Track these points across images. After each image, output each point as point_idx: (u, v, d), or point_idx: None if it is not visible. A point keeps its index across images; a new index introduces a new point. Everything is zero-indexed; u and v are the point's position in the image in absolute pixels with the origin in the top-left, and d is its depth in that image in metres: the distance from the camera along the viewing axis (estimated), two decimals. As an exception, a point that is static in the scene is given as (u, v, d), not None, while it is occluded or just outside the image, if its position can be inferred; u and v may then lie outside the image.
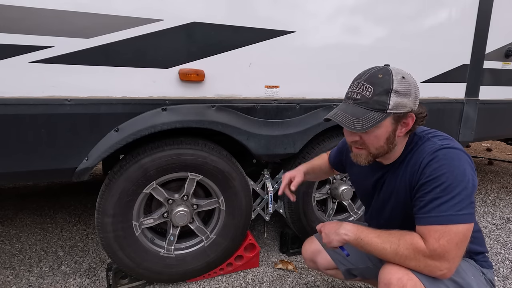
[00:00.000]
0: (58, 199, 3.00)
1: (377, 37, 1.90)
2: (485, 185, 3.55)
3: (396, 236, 0.98)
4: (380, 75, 0.97)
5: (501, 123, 2.58)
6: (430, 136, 1.06)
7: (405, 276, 0.96)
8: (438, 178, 0.94)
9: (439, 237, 0.91)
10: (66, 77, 1.37)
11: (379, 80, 0.97)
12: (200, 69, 1.57)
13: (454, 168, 0.94)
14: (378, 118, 0.96)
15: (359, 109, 0.97)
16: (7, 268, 1.97)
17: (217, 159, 1.68)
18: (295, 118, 1.80)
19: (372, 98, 0.96)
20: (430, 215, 0.94)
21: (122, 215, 1.58)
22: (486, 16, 2.19)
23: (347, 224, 1.09)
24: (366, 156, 1.05)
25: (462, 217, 0.91)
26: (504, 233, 2.48)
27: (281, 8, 1.66)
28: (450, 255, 0.91)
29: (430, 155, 0.99)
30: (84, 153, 1.45)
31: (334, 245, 1.09)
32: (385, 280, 0.99)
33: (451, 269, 0.93)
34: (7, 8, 1.24)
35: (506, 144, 4.40)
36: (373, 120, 0.95)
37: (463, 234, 0.91)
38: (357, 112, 0.97)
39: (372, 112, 0.96)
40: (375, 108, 0.96)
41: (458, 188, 0.92)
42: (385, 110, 0.96)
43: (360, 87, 0.98)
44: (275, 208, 2.09)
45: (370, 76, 0.98)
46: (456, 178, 0.92)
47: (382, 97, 0.95)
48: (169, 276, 1.78)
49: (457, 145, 1.00)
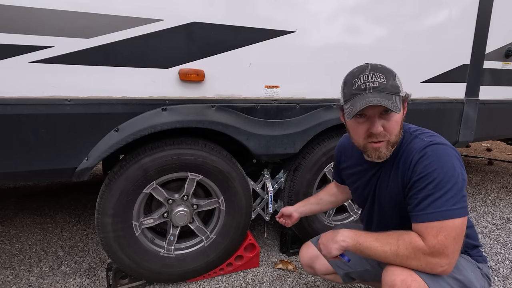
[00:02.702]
0: (58, 199, 3.00)
1: (377, 37, 1.90)
2: (485, 185, 3.55)
3: (394, 237, 0.98)
4: (379, 65, 1.02)
5: (501, 123, 2.58)
6: (418, 134, 1.07)
7: (409, 277, 0.96)
8: (429, 175, 0.96)
9: (437, 233, 0.92)
10: (66, 77, 1.37)
11: (383, 68, 1.01)
12: (200, 69, 1.57)
13: (443, 163, 0.95)
14: (399, 100, 0.99)
15: (384, 95, 0.97)
16: (7, 268, 1.97)
17: (217, 159, 1.68)
18: (295, 118, 1.80)
19: (388, 83, 0.98)
20: (425, 212, 0.95)
21: (122, 215, 1.58)
22: (486, 16, 2.19)
23: (343, 230, 1.08)
24: (386, 146, 1.04)
25: (457, 211, 0.92)
26: (504, 233, 2.48)
27: (281, 8, 1.66)
28: (449, 250, 0.92)
29: (419, 153, 1.00)
30: (84, 153, 1.45)
31: (333, 254, 1.06)
32: (389, 282, 0.99)
33: (451, 264, 0.94)
34: (7, 8, 1.24)
35: (506, 144, 4.40)
36: (399, 102, 0.98)
37: (460, 228, 0.93)
38: (385, 97, 0.97)
39: (394, 95, 0.98)
40: (393, 92, 0.98)
41: (449, 183, 0.93)
42: (399, 93, 1.00)
43: (371, 77, 0.99)
44: (275, 208, 2.09)
45: (373, 68, 1.01)
46: (447, 174, 0.94)
47: (394, 81, 1.00)
48: (169, 276, 1.78)
49: (444, 141, 1.02)
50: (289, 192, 1.97)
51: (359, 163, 1.24)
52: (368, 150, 1.07)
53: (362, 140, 1.06)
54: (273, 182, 2.01)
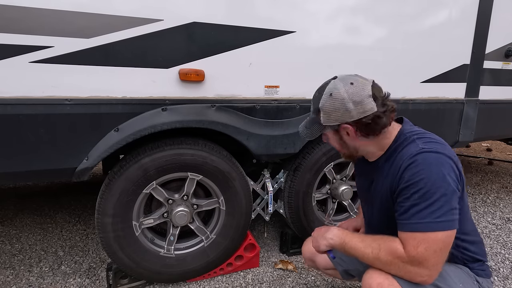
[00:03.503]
0: (58, 199, 3.00)
1: (377, 37, 1.90)
2: (485, 185, 3.55)
3: (378, 241, 0.99)
4: (317, 93, 1.08)
5: (501, 123, 2.58)
6: (416, 138, 1.03)
7: (386, 281, 0.97)
8: (415, 184, 0.93)
9: (417, 244, 0.91)
10: (66, 77, 1.37)
11: (315, 98, 1.08)
12: (200, 69, 1.57)
13: (431, 173, 0.92)
14: (319, 129, 1.09)
15: (309, 120, 1.12)
16: (7, 268, 1.97)
17: (217, 159, 1.68)
18: (295, 118, 1.80)
19: (313, 113, 1.09)
20: (409, 221, 0.94)
21: (122, 215, 1.58)
22: (486, 16, 2.19)
23: (334, 228, 1.13)
24: (343, 155, 1.18)
25: (441, 224, 0.90)
26: (504, 233, 2.48)
27: (281, 8, 1.66)
28: (430, 262, 0.91)
29: (409, 159, 0.97)
30: (84, 153, 1.45)
31: (321, 249, 1.15)
32: (367, 285, 1.01)
33: (431, 276, 0.93)
34: (7, 8, 1.24)
35: (506, 144, 4.40)
36: (315, 130, 1.10)
37: (442, 241, 0.90)
38: (308, 123, 1.12)
39: (315, 124, 1.09)
40: (315, 121, 1.09)
41: (436, 195, 0.90)
42: (321, 123, 1.07)
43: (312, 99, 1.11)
44: (275, 208, 2.09)
45: (314, 92, 1.10)
46: (434, 184, 0.91)
47: (316, 113, 1.07)
48: (169, 276, 1.78)
49: (440, 148, 0.97)
50: (289, 192, 1.97)
51: (363, 161, 1.25)
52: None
53: None
54: (273, 182, 2.01)
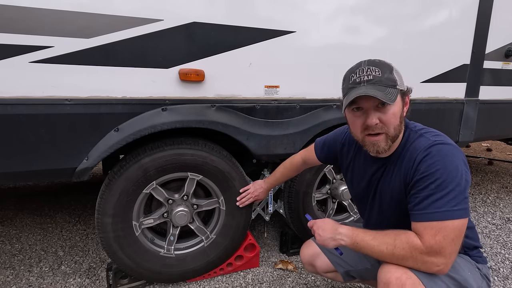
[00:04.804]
0: (58, 199, 3.00)
1: (377, 37, 1.90)
2: (485, 185, 3.55)
3: (391, 236, 0.99)
4: (377, 60, 1.04)
5: (501, 123, 2.58)
6: (423, 132, 1.07)
7: (404, 275, 0.96)
8: (432, 175, 0.95)
9: (435, 233, 0.92)
10: (66, 77, 1.37)
11: (380, 62, 1.03)
12: (200, 69, 1.57)
13: (447, 164, 0.95)
14: (394, 92, 0.99)
15: (378, 87, 0.99)
16: (7, 268, 1.97)
17: (217, 159, 1.68)
18: (295, 118, 1.80)
19: (383, 76, 1.00)
20: (425, 211, 0.95)
21: (122, 215, 1.58)
22: (486, 16, 2.19)
23: (342, 228, 1.10)
24: (385, 140, 1.04)
25: (457, 212, 0.92)
26: (504, 233, 2.48)
27: (281, 8, 1.66)
28: (447, 250, 0.92)
29: (423, 152, 1.00)
30: (84, 153, 1.45)
31: (330, 247, 1.13)
32: (384, 280, 1.00)
33: (448, 264, 0.94)
34: (7, 8, 1.24)
35: (506, 144, 4.40)
36: (393, 94, 0.98)
37: (459, 230, 0.92)
38: (378, 89, 0.98)
39: (388, 88, 0.99)
40: (388, 84, 0.99)
41: (452, 184, 0.93)
42: (395, 86, 1.00)
43: (367, 71, 1.01)
44: (275, 208, 2.09)
45: (369, 63, 1.03)
46: (450, 174, 0.94)
47: (390, 75, 1.01)
48: (169, 276, 1.78)
49: (450, 141, 1.02)
50: (289, 192, 1.97)
51: (363, 157, 1.24)
52: (366, 144, 1.08)
53: (360, 134, 1.08)
54: (273, 182, 2.00)
